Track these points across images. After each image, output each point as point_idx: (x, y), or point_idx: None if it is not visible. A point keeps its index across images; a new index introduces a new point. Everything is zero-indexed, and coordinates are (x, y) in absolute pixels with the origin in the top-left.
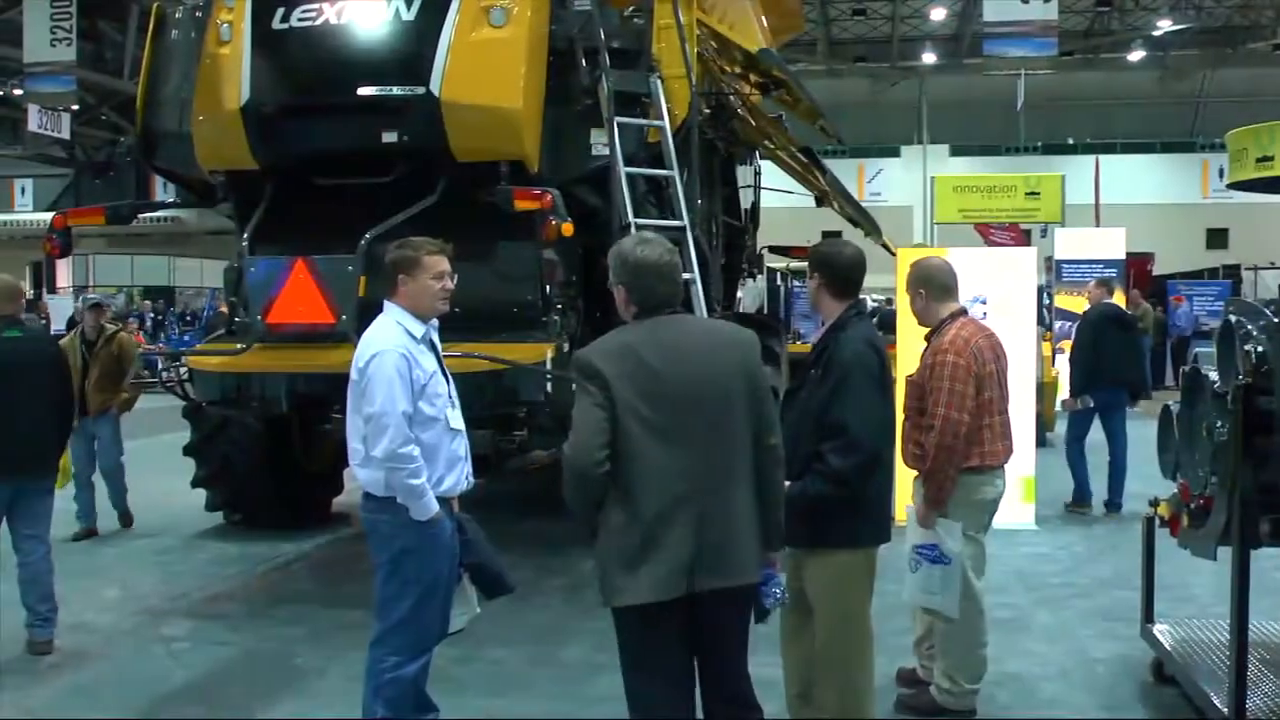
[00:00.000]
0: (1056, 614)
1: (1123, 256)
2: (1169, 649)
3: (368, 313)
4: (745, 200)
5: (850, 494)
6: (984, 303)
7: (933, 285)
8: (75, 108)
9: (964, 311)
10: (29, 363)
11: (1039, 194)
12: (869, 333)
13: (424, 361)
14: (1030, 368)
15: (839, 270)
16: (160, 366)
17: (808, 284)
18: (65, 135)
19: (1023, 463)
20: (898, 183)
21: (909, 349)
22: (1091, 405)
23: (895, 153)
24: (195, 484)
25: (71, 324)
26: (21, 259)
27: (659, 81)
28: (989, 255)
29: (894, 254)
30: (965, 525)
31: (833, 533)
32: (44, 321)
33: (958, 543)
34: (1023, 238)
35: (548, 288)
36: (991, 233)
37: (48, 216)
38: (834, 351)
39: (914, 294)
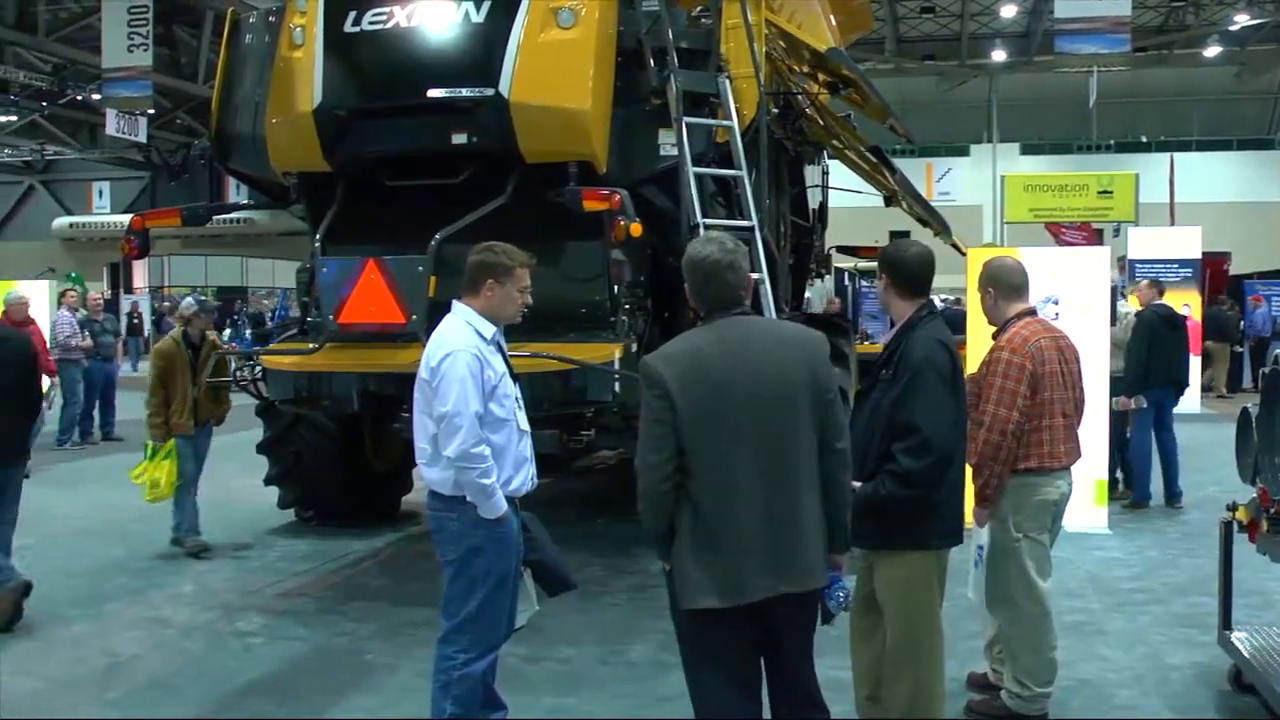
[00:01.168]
0: (1130, 619)
1: (1198, 256)
2: (1247, 656)
3: (436, 313)
4: (813, 200)
5: (921, 495)
6: (1056, 303)
7: (1001, 284)
8: (151, 112)
9: (1032, 312)
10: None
11: (1112, 193)
12: (940, 333)
13: (494, 362)
14: (1104, 369)
15: (907, 270)
16: (234, 366)
17: (877, 284)
18: (142, 139)
19: (1094, 465)
20: (967, 182)
21: (978, 349)
22: (1145, 405)
23: (964, 152)
24: (268, 482)
25: (131, 325)
26: (99, 260)
27: (727, 81)
28: (1060, 255)
29: (964, 254)
30: (1026, 526)
31: (904, 534)
32: (136, 321)
33: (985, 542)
34: (1095, 237)
35: (616, 288)
36: (1063, 232)
37: (125, 218)
38: (905, 352)
39: (983, 292)
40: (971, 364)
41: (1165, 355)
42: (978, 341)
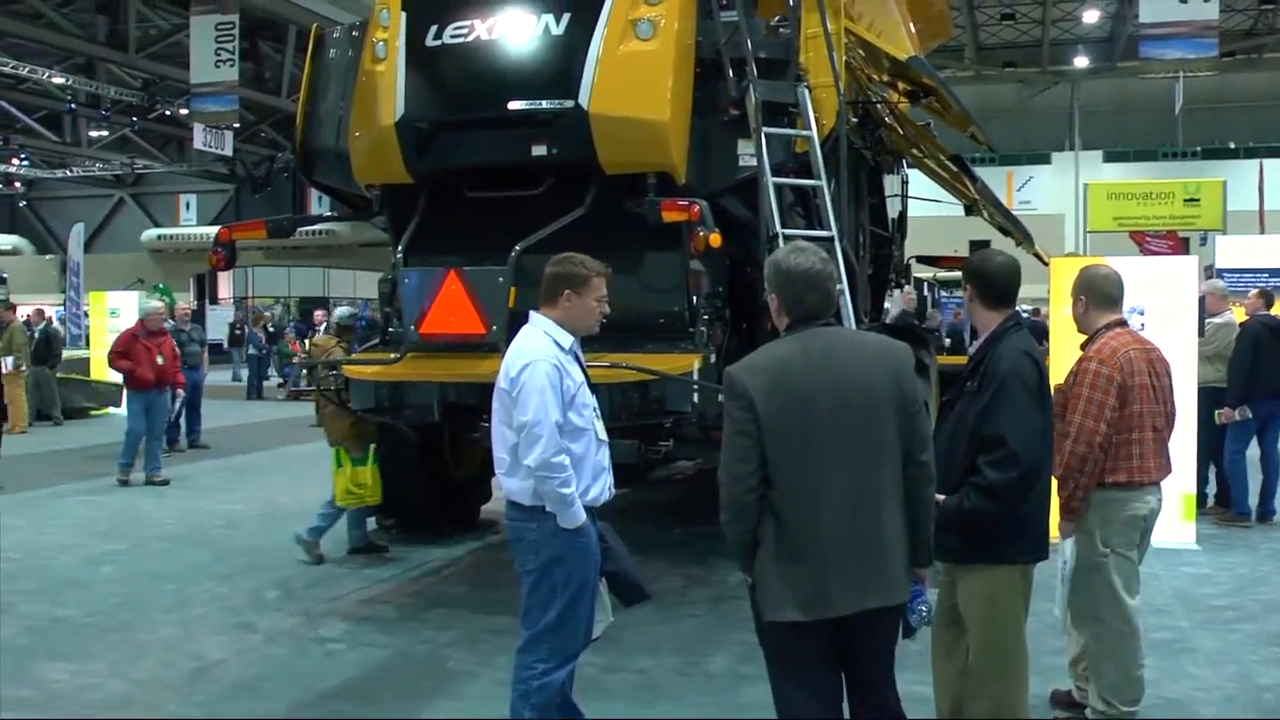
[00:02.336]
0: (1220, 637)
1: None
2: None
3: (516, 323)
4: (892, 209)
5: (1007, 508)
6: (1141, 314)
7: (1094, 292)
8: (236, 126)
9: (1123, 323)
10: None
11: (1199, 200)
12: (1027, 344)
13: (573, 372)
14: (1191, 381)
15: (991, 280)
16: (318, 374)
17: (963, 294)
18: (227, 152)
19: (1183, 480)
20: (1049, 190)
21: (1062, 360)
22: (1250, 417)
23: (1046, 159)
24: None
25: (233, 335)
26: (186, 270)
27: (806, 91)
28: (1146, 265)
29: (1046, 263)
30: (1114, 541)
31: (988, 548)
32: (239, 332)
33: (1070, 556)
34: (1181, 246)
35: (695, 298)
36: (1148, 241)
37: (211, 230)
38: (991, 363)
39: (1076, 299)
40: (1055, 374)
41: (1272, 367)
42: (1062, 351)
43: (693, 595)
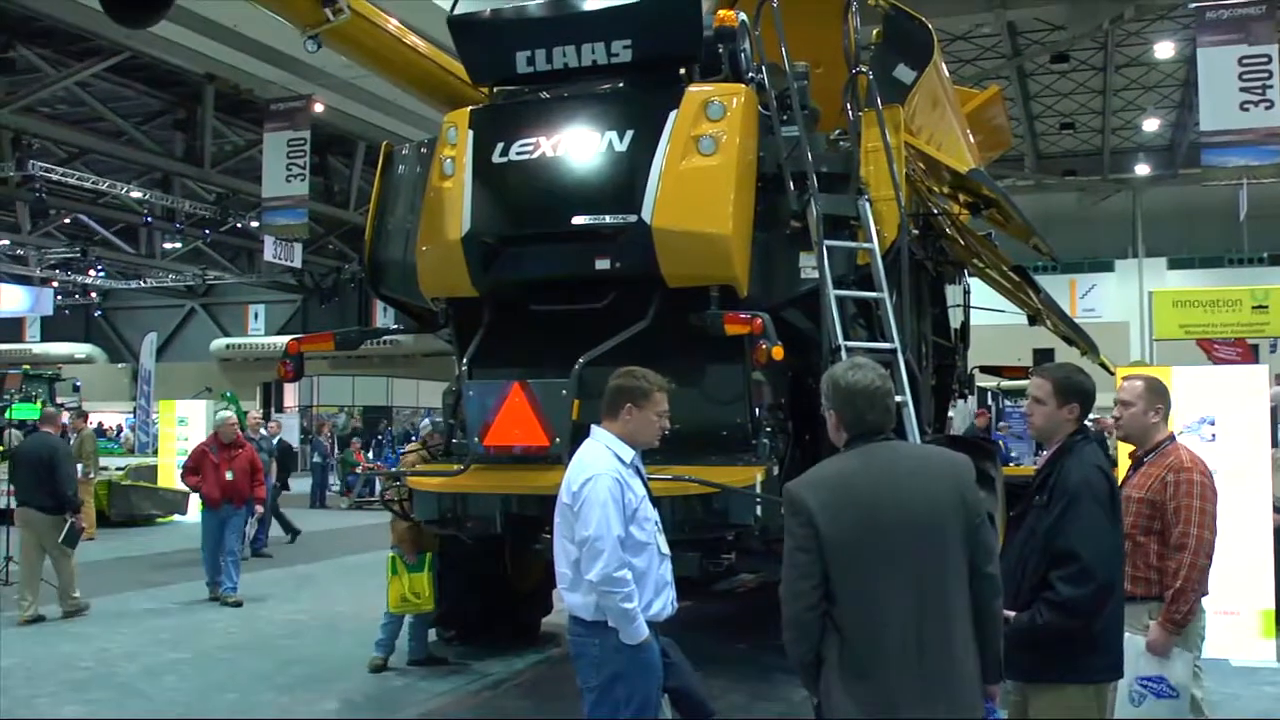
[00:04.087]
0: None
1: None
2: None
3: (580, 436)
4: (955, 319)
5: (1082, 625)
6: (1211, 424)
7: (1167, 403)
8: (306, 238)
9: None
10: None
11: (1267, 307)
12: (1097, 457)
13: (635, 486)
14: (1266, 493)
15: (1090, 396)
16: (381, 486)
17: (1028, 406)
18: (296, 264)
19: (1262, 595)
20: (1113, 298)
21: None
22: None
23: (1109, 267)
24: None
25: (306, 437)
26: (253, 379)
27: (868, 204)
28: (1215, 373)
29: (1112, 373)
30: (1195, 654)
31: (1063, 666)
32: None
33: (1188, 674)
34: (1250, 354)
35: (757, 410)
36: (1216, 349)
37: (278, 339)
38: (1061, 476)
39: (1150, 409)
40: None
41: None
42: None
43: (757, 711)
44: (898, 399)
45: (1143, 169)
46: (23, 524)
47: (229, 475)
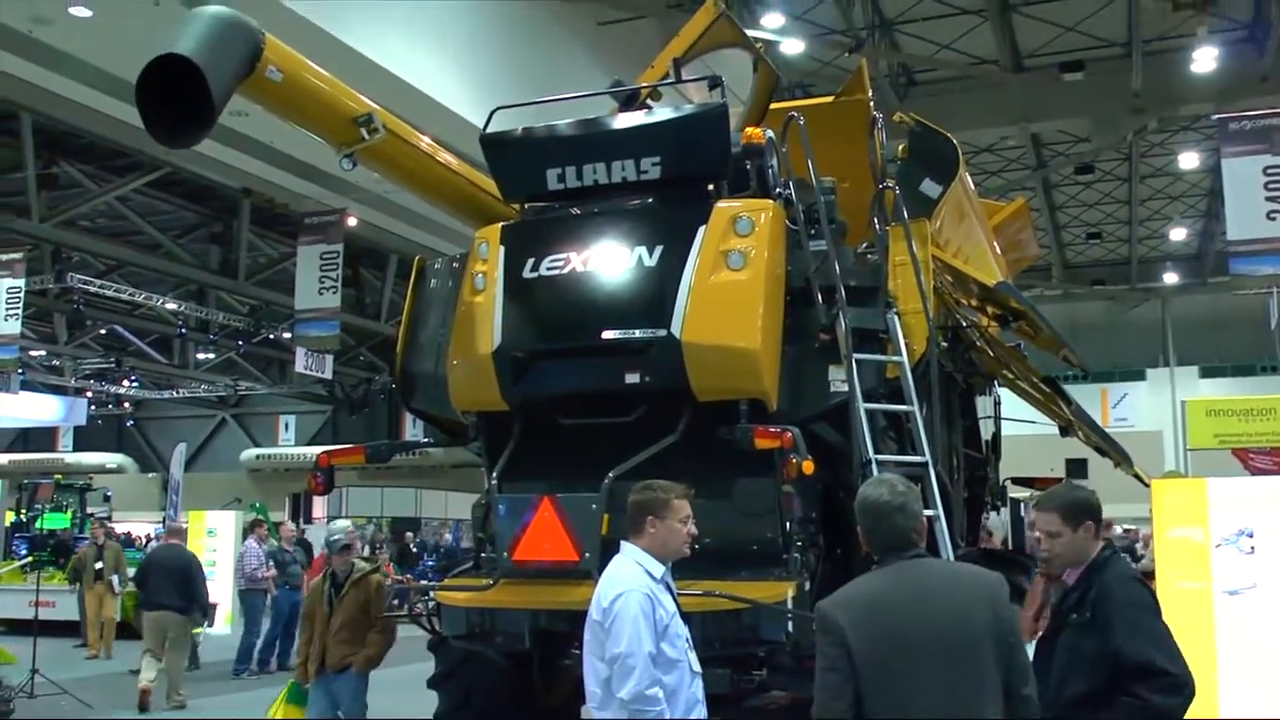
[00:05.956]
0: None
1: None
2: None
3: (609, 550)
4: (986, 431)
5: None
6: (1250, 536)
7: (1099, 517)
8: (337, 349)
9: None
10: None
11: None
12: (1130, 570)
13: (665, 602)
14: None
15: (1099, 513)
16: (410, 600)
17: (1047, 525)
18: (327, 375)
19: None
20: (1145, 407)
21: (1168, 582)
22: None
23: (1140, 376)
24: (437, 718)
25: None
26: (283, 490)
27: (896, 317)
28: (1253, 484)
29: (1147, 484)
30: None
31: None
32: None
33: None
34: None
35: (787, 525)
36: (1252, 458)
37: (308, 450)
38: (1101, 592)
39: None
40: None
41: None
42: (1168, 572)
43: None
44: (928, 512)
45: (1171, 278)
46: (152, 625)
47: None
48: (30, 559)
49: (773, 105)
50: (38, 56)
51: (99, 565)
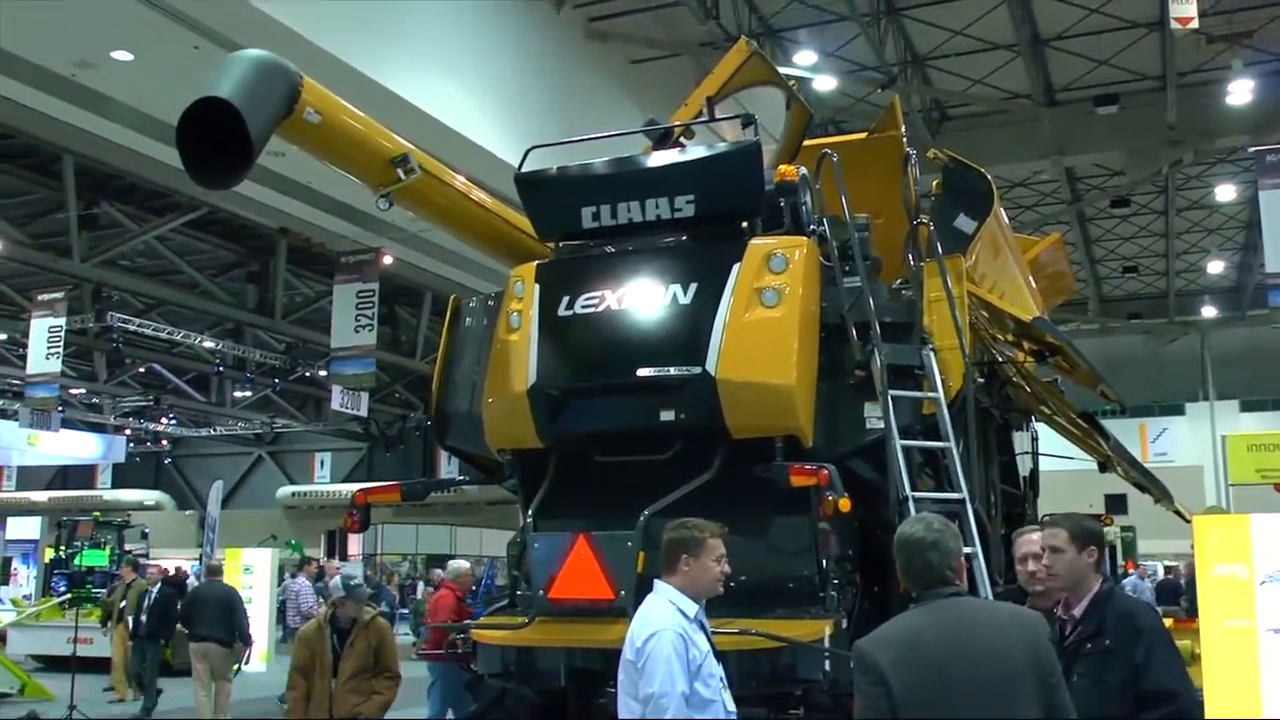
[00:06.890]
0: None
1: None
2: None
3: (645, 588)
4: (1023, 466)
5: None
6: None
7: (1104, 543)
8: (373, 387)
9: None
10: None
11: None
12: (1133, 598)
13: (699, 641)
14: None
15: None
16: (449, 638)
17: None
18: (362, 413)
19: None
20: (1185, 442)
21: (1212, 620)
22: None
23: (1179, 410)
24: None
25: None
26: (318, 527)
27: (931, 353)
28: None
29: (1188, 520)
30: None
31: None
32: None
33: None
34: None
35: (824, 562)
36: None
37: (343, 488)
38: (1119, 620)
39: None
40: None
41: None
42: (1212, 608)
43: None
44: (966, 550)
45: (1209, 311)
46: (200, 655)
47: None
48: (69, 595)
49: (806, 142)
50: (80, 100)
51: (123, 604)
